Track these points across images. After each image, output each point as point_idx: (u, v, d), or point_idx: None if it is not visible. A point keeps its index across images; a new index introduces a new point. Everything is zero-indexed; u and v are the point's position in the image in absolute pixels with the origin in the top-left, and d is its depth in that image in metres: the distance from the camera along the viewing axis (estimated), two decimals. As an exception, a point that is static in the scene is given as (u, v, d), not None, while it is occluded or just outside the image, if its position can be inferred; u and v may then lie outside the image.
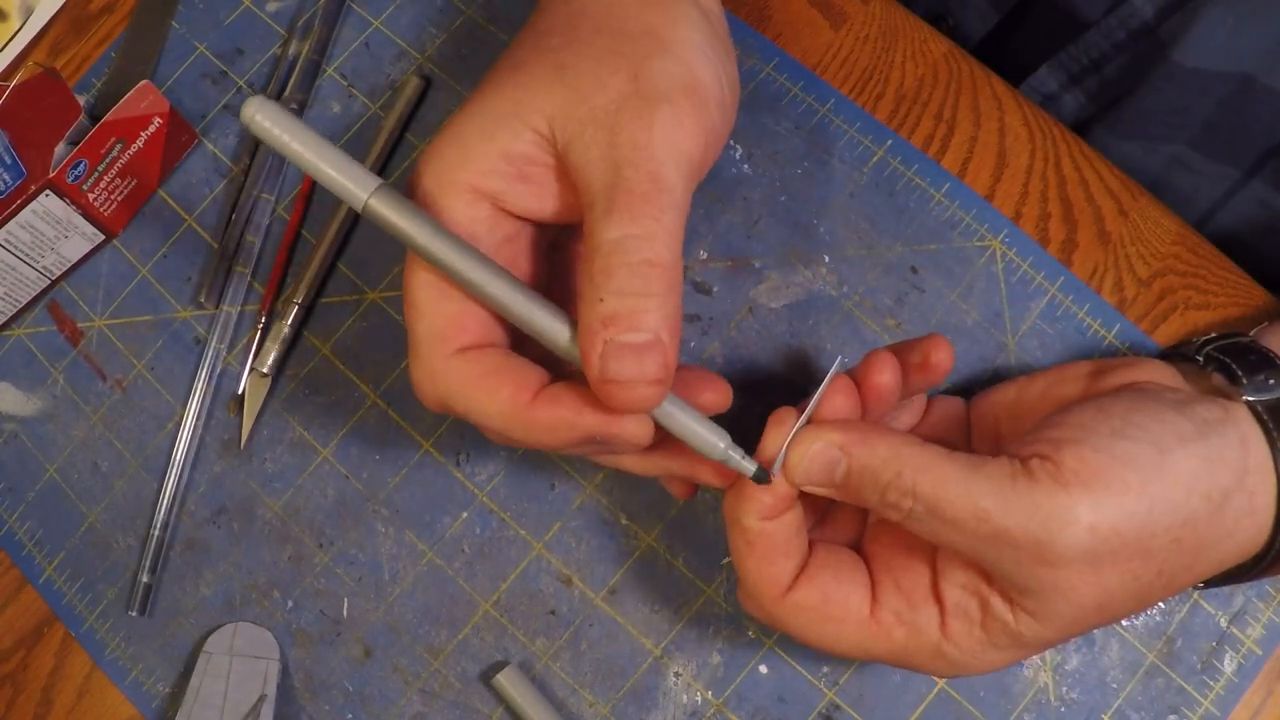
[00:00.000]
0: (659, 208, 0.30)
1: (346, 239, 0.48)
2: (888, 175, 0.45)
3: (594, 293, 0.30)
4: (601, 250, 0.30)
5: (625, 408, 0.30)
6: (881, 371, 0.34)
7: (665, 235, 0.30)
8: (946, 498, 0.31)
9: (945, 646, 0.33)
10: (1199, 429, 0.32)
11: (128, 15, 0.52)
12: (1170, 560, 0.31)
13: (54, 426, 0.47)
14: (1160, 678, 0.40)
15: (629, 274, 0.30)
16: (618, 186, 0.30)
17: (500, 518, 0.44)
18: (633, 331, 0.30)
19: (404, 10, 0.50)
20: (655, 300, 0.30)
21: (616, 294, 0.30)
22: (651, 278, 0.30)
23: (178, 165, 0.50)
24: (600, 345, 0.30)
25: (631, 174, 0.30)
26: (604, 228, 0.30)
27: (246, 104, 0.31)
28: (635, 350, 0.30)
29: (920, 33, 0.47)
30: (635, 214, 0.30)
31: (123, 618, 0.45)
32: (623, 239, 0.30)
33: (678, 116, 0.31)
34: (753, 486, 0.33)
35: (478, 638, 0.43)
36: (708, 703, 0.42)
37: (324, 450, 0.46)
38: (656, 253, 0.30)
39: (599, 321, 0.30)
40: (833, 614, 0.34)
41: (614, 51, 0.32)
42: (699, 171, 0.32)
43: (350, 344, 0.47)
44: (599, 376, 0.30)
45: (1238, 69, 0.42)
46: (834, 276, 0.45)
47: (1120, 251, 0.44)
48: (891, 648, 0.34)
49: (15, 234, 0.45)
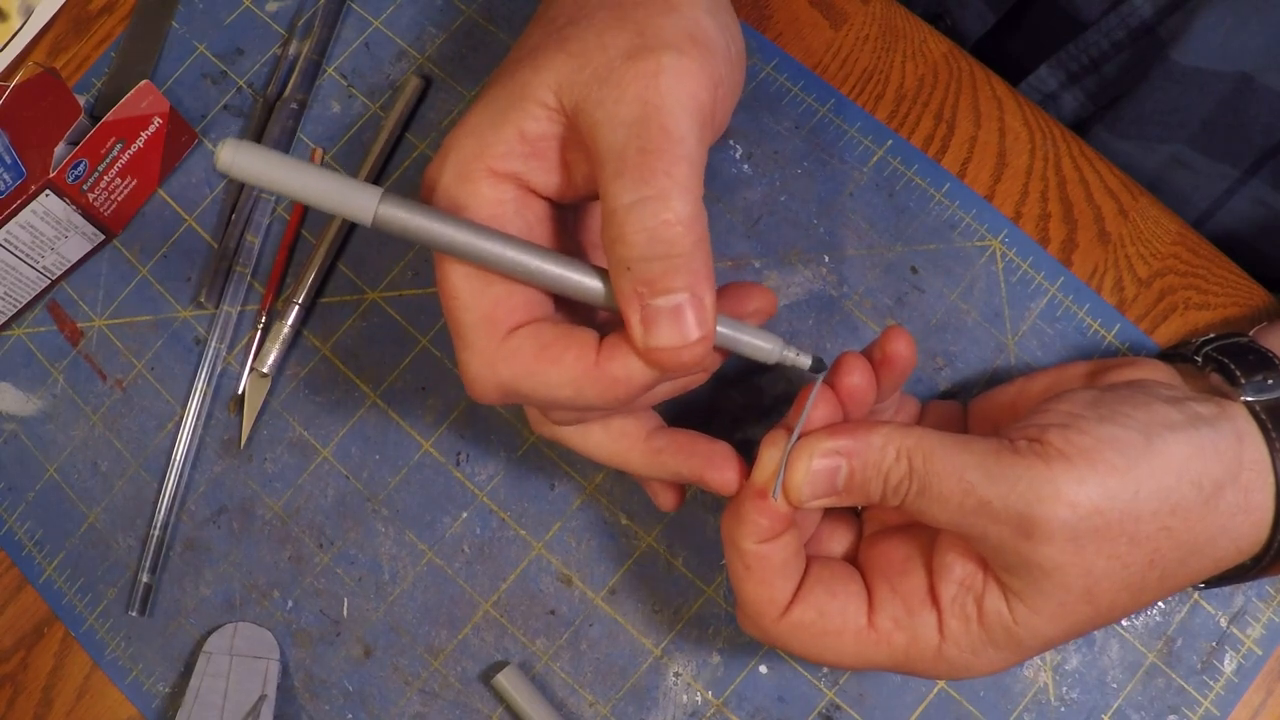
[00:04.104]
0: (670, 161, 0.29)
1: (346, 239, 0.48)
2: (888, 175, 0.46)
3: (620, 260, 0.30)
4: (617, 215, 0.29)
5: (676, 370, 0.31)
6: (850, 373, 0.34)
7: (680, 191, 0.29)
8: (934, 471, 0.31)
9: (945, 648, 0.33)
10: (1190, 420, 0.32)
11: (128, 15, 0.52)
12: (1162, 551, 0.31)
13: (54, 426, 0.47)
14: (1160, 678, 0.40)
15: (649, 238, 0.29)
16: (628, 145, 0.29)
17: (500, 518, 0.44)
18: (666, 295, 0.29)
19: (404, 10, 0.50)
20: (681, 260, 0.29)
21: (642, 260, 0.29)
22: (674, 239, 0.29)
23: (178, 165, 0.50)
24: (638, 312, 0.30)
25: (640, 130, 0.29)
26: (618, 190, 0.29)
27: (221, 149, 0.29)
28: (671, 314, 0.30)
29: (920, 32, 0.47)
30: (647, 174, 0.29)
31: (123, 618, 0.45)
32: (639, 201, 0.29)
33: (683, 63, 0.30)
34: (750, 509, 0.33)
35: (478, 638, 0.43)
36: (708, 703, 0.42)
37: (324, 450, 0.46)
38: (675, 211, 0.29)
39: (631, 289, 0.30)
40: (830, 628, 0.34)
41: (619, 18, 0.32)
42: (711, 121, 0.31)
43: (350, 344, 0.47)
44: (644, 345, 0.30)
45: (1237, 68, 0.42)
46: (834, 276, 0.45)
47: (1120, 251, 0.44)
48: (892, 654, 0.34)
49: (15, 234, 0.45)
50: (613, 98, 0.30)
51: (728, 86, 0.32)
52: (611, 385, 0.31)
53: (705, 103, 0.30)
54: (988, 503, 0.31)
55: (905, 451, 0.32)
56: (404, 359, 0.46)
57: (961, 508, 0.31)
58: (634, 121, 0.29)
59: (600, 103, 0.30)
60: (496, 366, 0.32)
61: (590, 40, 0.31)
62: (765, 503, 0.33)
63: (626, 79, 0.30)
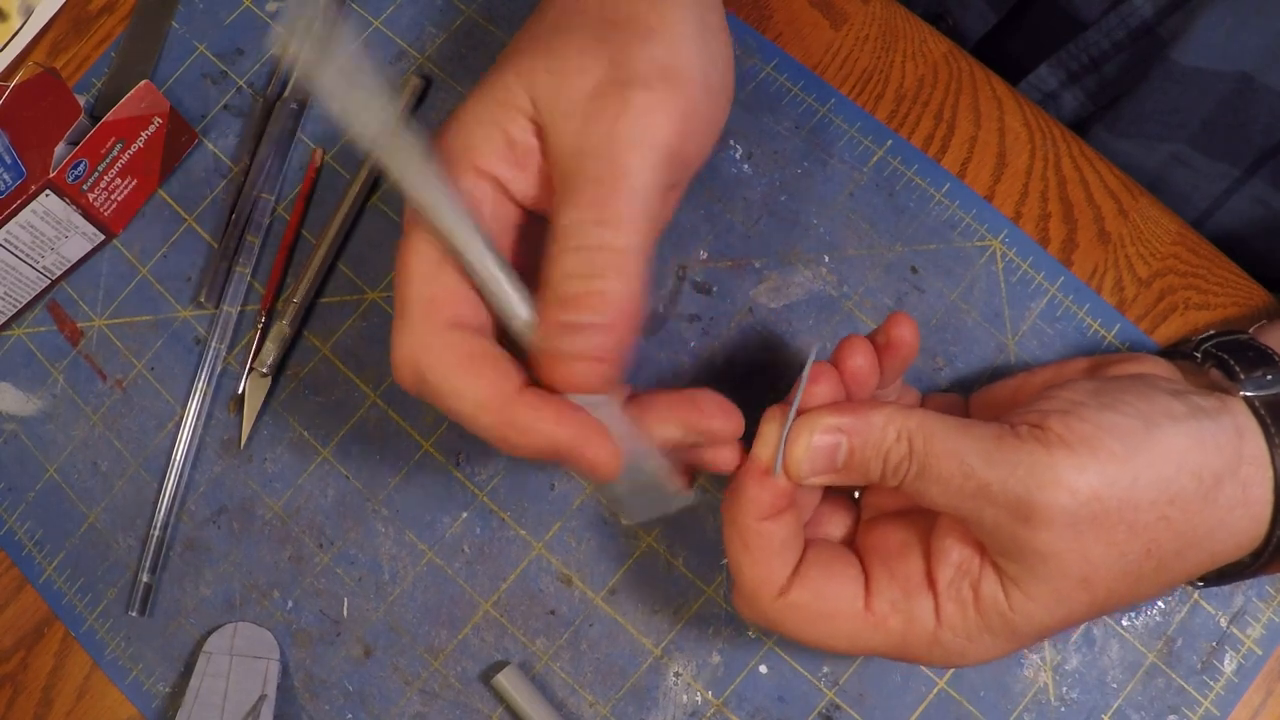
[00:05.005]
0: (615, 193, 0.30)
1: (346, 239, 0.48)
2: (888, 175, 0.45)
3: (549, 276, 0.31)
4: (559, 234, 0.31)
5: (565, 384, 0.31)
6: (854, 355, 0.35)
7: (620, 222, 0.30)
8: (934, 453, 0.32)
9: (941, 633, 0.33)
10: (1191, 411, 0.32)
11: (128, 15, 0.52)
12: (1160, 541, 0.31)
13: (54, 426, 0.48)
14: (1160, 678, 0.40)
15: (582, 259, 0.30)
16: (579, 173, 0.31)
17: (500, 518, 0.44)
18: (582, 313, 0.30)
19: (404, 10, 0.50)
20: (607, 284, 0.30)
21: (568, 277, 0.30)
22: (604, 263, 0.30)
23: (178, 165, 0.50)
24: (550, 324, 0.31)
25: (592, 162, 0.31)
26: (562, 211, 0.31)
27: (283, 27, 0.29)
28: (580, 329, 0.30)
29: (920, 32, 0.47)
30: (592, 199, 0.30)
31: (123, 618, 0.45)
32: (577, 224, 0.30)
33: (650, 103, 0.31)
34: (750, 484, 0.33)
35: (478, 638, 0.43)
36: (708, 703, 0.42)
37: (324, 450, 0.46)
38: (610, 238, 0.30)
39: (553, 303, 0.31)
40: (826, 610, 0.34)
41: (599, 39, 0.33)
42: (676, 158, 0.32)
43: (350, 344, 0.47)
44: (542, 349, 0.31)
45: (1237, 68, 0.43)
46: (834, 276, 0.45)
47: (1120, 251, 0.44)
48: (888, 638, 0.33)
49: (15, 234, 0.45)
50: (577, 130, 0.31)
51: (704, 117, 0.33)
52: (509, 427, 0.31)
53: (670, 142, 0.31)
54: (987, 486, 0.31)
55: (906, 432, 0.32)
56: (404, 359, 0.46)
57: (961, 490, 0.31)
58: (591, 153, 0.31)
59: (566, 132, 0.31)
60: (421, 351, 0.32)
61: (570, 61, 0.32)
62: (766, 478, 0.33)
63: (592, 113, 0.31)
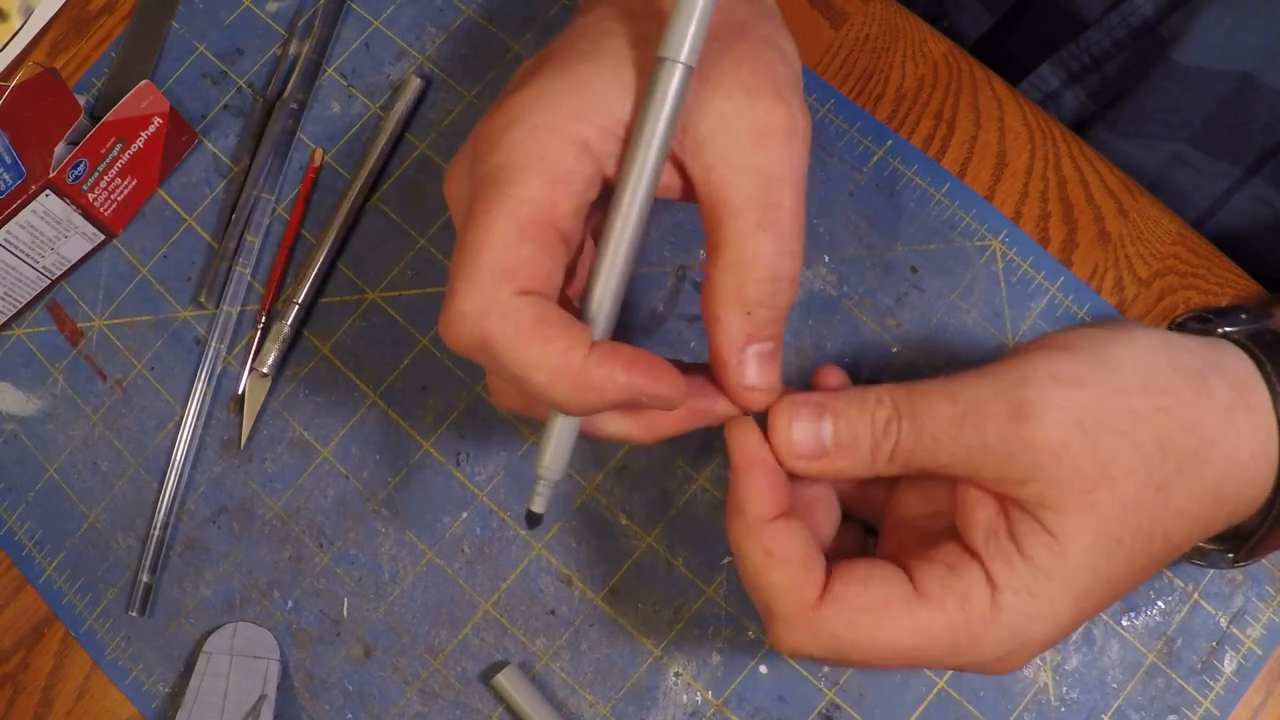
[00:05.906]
0: (801, 226, 0.32)
1: (346, 239, 0.48)
2: (888, 175, 0.45)
3: (742, 303, 0.32)
4: (757, 263, 0.32)
5: (754, 407, 0.34)
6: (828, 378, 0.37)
7: (798, 255, 0.32)
8: (919, 397, 0.33)
9: (1000, 596, 0.31)
10: (1161, 332, 0.34)
11: (128, 15, 0.52)
12: (1170, 435, 0.31)
13: (54, 426, 0.48)
14: (1160, 678, 0.40)
15: (775, 290, 0.32)
16: (770, 202, 0.31)
17: (500, 518, 0.44)
18: (767, 341, 0.33)
19: (404, 10, 0.50)
20: (784, 313, 0.33)
21: (762, 306, 0.32)
22: (789, 293, 0.32)
23: (178, 165, 0.50)
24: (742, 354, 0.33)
25: (780, 192, 0.32)
26: (759, 242, 0.31)
27: None
28: (766, 359, 0.33)
29: (920, 32, 0.47)
30: (784, 232, 0.32)
31: (123, 618, 0.45)
32: (776, 255, 0.32)
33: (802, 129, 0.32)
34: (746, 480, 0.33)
35: (478, 638, 0.43)
36: (708, 703, 0.42)
37: (324, 450, 0.46)
38: (797, 269, 0.32)
39: (743, 335, 0.32)
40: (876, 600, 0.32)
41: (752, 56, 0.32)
42: None
43: (350, 344, 0.47)
44: (740, 383, 0.33)
45: (1238, 67, 0.42)
46: (834, 276, 0.45)
47: (1120, 251, 0.44)
48: (950, 622, 0.31)
49: (15, 234, 0.45)
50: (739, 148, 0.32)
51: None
52: (586, 388, 0.30)
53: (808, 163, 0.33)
54: (977, 401, 0.32)
55: (887, 393, 0.33)
56: (404, 359, 0.46)
57: (956, 420, 0.32)
58: (776, 182, 0.32)
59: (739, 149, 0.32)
60: (487, 315, 0.30)
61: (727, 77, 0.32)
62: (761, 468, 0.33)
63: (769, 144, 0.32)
